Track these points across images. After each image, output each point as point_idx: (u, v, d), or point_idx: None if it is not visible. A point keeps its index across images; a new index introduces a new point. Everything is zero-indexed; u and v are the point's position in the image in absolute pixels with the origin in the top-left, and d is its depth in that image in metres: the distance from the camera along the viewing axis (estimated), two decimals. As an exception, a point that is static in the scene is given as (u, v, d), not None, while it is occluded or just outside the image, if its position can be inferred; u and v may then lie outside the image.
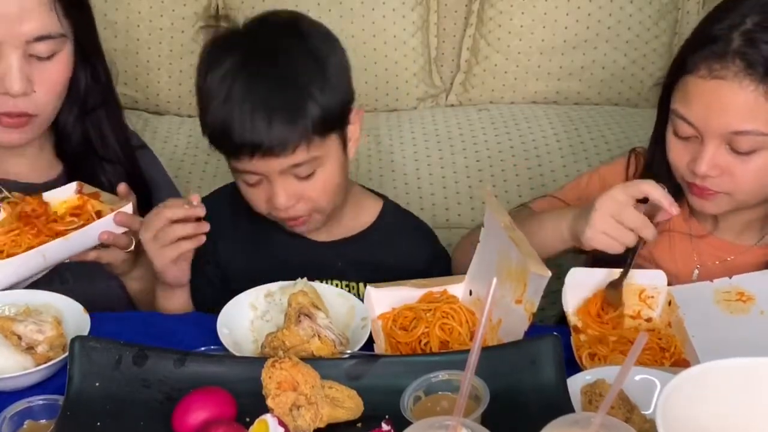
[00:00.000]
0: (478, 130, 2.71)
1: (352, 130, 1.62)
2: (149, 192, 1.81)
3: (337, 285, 1.63)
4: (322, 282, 1.58)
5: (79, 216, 1.59)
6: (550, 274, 1.31)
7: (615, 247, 1.48)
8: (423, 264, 1.71)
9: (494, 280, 1.08)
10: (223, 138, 1.54)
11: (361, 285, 1.66)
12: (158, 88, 2.79)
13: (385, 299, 1.52)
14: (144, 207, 1.67)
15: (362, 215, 1.74)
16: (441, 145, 2.66)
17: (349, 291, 1.60)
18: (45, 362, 1.37)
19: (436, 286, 1.54)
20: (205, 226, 1.55)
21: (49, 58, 1.60)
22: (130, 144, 1.82)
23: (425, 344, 1.46)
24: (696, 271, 1.67)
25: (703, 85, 1.47)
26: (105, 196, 1.63)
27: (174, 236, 1.53)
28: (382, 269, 1.62)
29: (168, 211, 1.53)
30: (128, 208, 1.58)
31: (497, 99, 2.86)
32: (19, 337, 1.40)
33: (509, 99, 2.85)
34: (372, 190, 1.80)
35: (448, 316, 1.47)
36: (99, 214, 1.58)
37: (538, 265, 1.32)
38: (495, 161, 2.58)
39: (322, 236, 1.70)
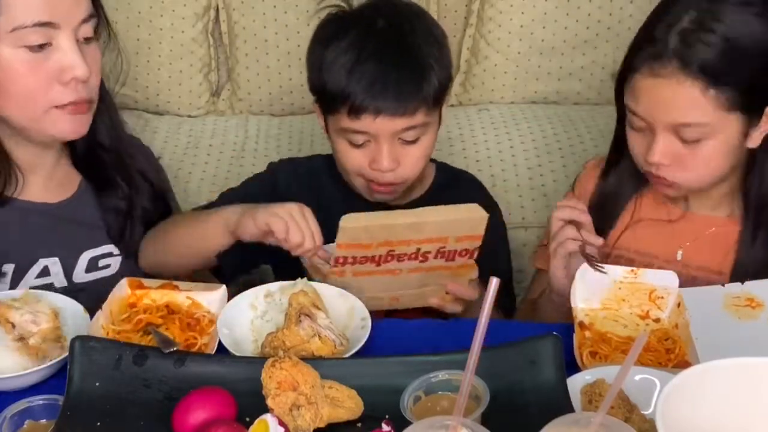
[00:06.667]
0: (478, 130, 2.70)
1: (443, 110, 1.78)
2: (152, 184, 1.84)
3: None
4: None
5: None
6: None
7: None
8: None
9: (494, 280, 1.07)
10: (349, 99, 1.65)
11: None
12: (158, 88, 2.78)
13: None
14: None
15: (424, 177, 1.87)
16: (441, 145, 2.64)
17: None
18: (36, 354, 1.37)
19: None
20: None
21: (89, 40, 1.59)
22: (123, 136, 1.81)
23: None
24: (680, 252, 1.73)
25: (646, 83, 1.57)
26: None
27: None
28: None
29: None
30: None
31: (497, 99, 2.85)
32: (13, 326, 1.39)
33: (509, 99, 2.84)
34: None
35: None
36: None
37: None
38: (495, 161, 2.58)
39: (397, 200, 1.81)
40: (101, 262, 1.73)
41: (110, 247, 1.75)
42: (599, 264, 1.56)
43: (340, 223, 1.48)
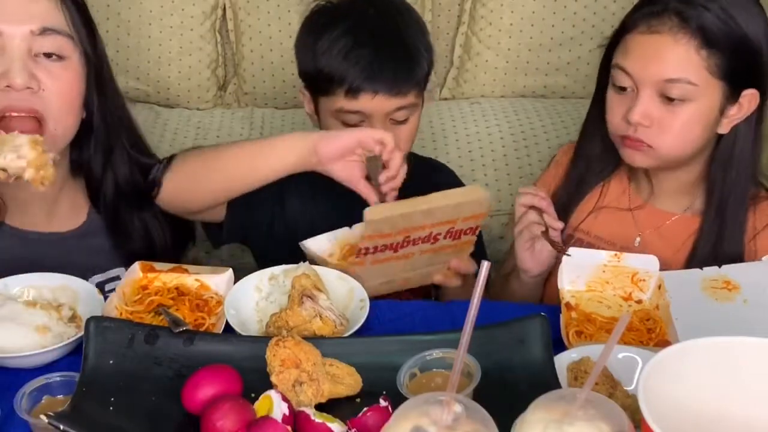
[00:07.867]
0: (470, 123, 2.70)
1: (426, 96, 1.80)
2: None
3: None
4: None
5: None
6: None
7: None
8: None
9: (485, 264, 1.07)
10: (346, 81, 1.65)
11: None
12: (168, 83, 2.77)
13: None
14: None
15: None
16: (435, 137, 2.65)
17: None
18: (57, 312, 1.38)
19: None
20: None
21: (56, 59, 1.51)
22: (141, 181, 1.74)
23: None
24: (638, 239, 1.72)
25: (641, 39, 1.56)
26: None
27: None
28: None
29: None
30: None
31: (488, 93, 2.85)
32: (5, 170, 1.34)
33: (499, 93, 2.84)
34: None
35: None
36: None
37: None
38: (486, 152, 2.58)
39: None
40: (108, 287, 1.67)
41: (118, 271, 1.70)
42: (562, 247, 1.58)
43: (365, 216, 1.46)
